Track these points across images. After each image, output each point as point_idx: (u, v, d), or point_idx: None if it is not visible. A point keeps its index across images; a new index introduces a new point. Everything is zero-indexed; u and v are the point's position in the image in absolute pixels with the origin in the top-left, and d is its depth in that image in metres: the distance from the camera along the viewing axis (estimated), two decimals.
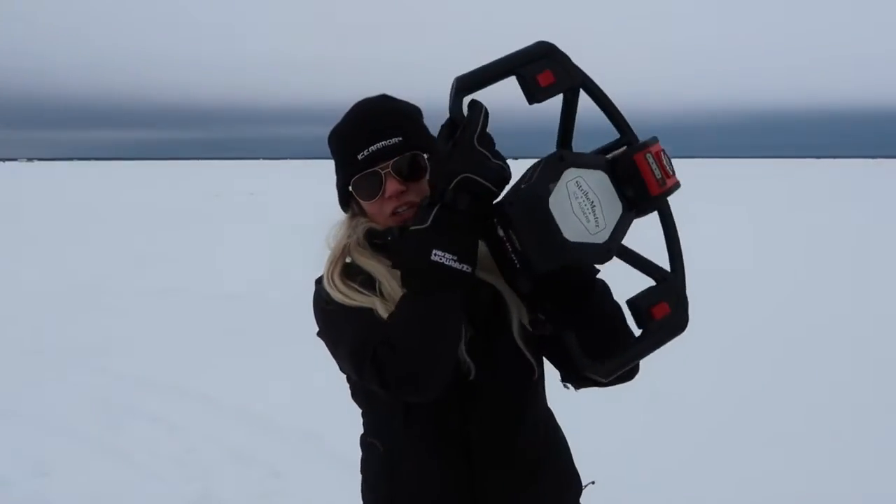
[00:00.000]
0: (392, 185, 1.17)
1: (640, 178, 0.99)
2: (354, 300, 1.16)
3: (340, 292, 1.18)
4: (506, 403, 1.24)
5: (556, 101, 1.07)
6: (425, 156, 1.20)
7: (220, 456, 3.69)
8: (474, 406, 1.21)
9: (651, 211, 1.06)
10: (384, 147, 1.17)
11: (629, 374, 1.13)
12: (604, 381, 1.05)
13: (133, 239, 13.06)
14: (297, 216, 15.51)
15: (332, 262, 1.23)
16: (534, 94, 1.00)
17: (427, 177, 1.18)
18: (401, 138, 1.18)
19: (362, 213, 1.25)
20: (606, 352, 1.05)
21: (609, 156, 1.04)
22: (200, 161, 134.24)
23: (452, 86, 1.00)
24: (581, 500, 1.39)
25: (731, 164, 79.88)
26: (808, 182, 34.07)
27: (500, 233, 1.01)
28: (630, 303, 1.04)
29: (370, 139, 1.18)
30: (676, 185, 1.02)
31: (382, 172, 1.17)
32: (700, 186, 23.39)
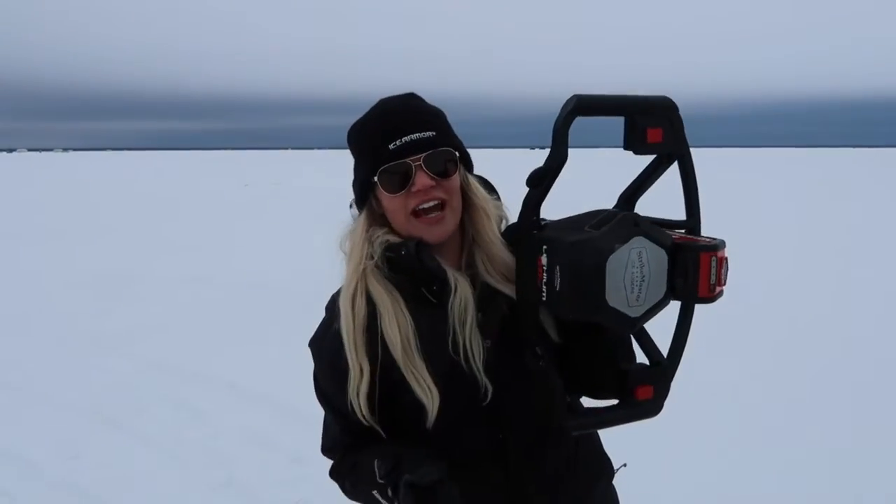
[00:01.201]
0: (422, 179, 1.11)
1: (696, 275, 0.98)
2: (354, 348, 1.16)
3: (352, 326, 1.16)
4: (534, 408, 1.21)
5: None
6: (457, 154, 1.17)
7: (243, 442, 3.74)
8: (504, 418, 1.19)
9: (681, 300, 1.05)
10: (419, 139, 1.12)
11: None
12: (571, 432, 1.08)
13: (162, 228, 13.28)
14: (323, 206, 15.60)
15: (353, 286, 1.17)
16: (635, 143, 0.98)
17: (455, 176, 1.15)
18: (434, 133, 1.14)
19: (380, 213, 1.19)
20: (594, 384, 1.12)
21: (675, 236, 1.03)
22: (230, 151, 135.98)
23: (569, 102, 0.96)
24: (613, 483, 1.39)
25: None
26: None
27: (544, 261, 0.98)
28: (620, 372, 1.04)
29: (403, 130, 1.12)
30: (720, 295, 1.01)
31: (413, 165, 1.12)
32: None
